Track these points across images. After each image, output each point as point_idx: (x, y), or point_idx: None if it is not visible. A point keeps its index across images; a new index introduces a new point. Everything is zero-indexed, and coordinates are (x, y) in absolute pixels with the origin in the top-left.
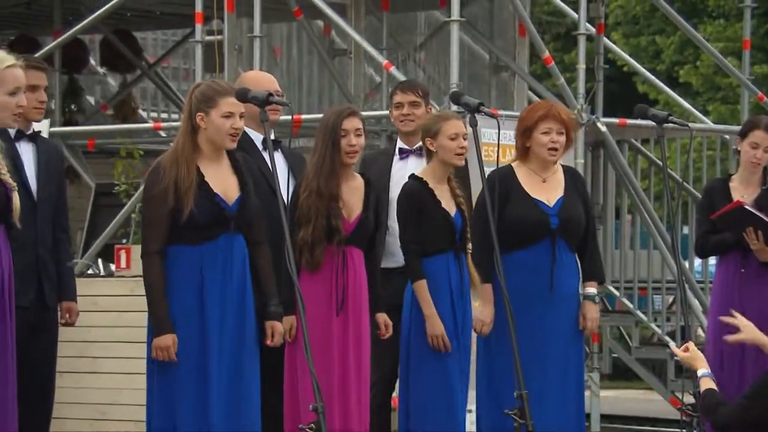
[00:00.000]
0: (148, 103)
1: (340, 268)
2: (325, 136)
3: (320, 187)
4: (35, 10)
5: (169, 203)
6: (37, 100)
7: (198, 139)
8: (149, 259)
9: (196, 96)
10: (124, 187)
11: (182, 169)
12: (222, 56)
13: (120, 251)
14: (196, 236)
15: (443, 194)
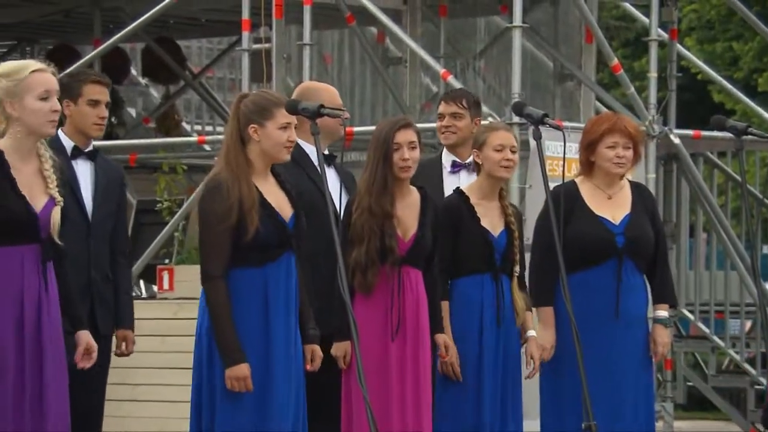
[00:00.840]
0: (192, 116)
1: (396, 290)
2: (378, 150)
3: (373, 205)
4: (74, 18)
5: (232, 222)
6: (97, 115)
7: (248, 153)
8: (214, 285)
9: (248, 107)
10: (167, 204)
11: (243, 186)
12: (270, 65)
13: (163, 272)
14: (261, 257)
15: (488, 211)
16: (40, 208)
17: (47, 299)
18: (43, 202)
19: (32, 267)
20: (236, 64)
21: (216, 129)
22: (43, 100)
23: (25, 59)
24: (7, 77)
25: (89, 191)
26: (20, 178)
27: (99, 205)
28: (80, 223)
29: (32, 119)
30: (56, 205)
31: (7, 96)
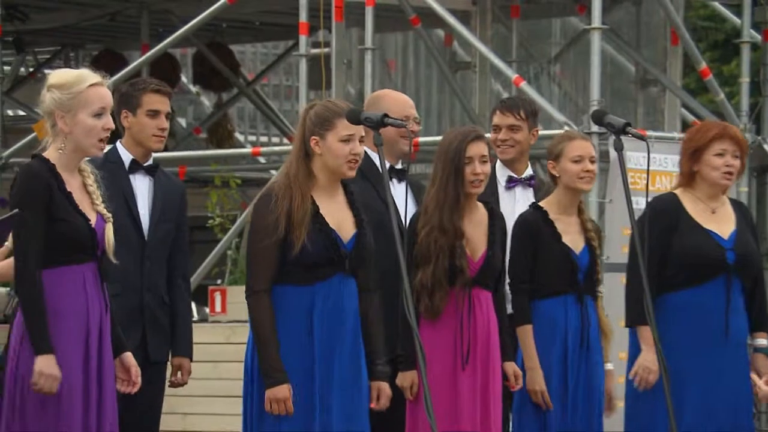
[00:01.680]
0: (245, 126)
1: (466, 314)
2: (446, 164)
3: (442, 223)
4: (121, 22)
5: (279, 235)
6: (157, 127)
7: (312, 166)
8: (257, 298)
9: (311, 117)
10: (219, 220)
11: (296, 198)
12: (329, 71)
13: (215, 293)
14: (308, 275)
15: (568, 227)
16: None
17: (106, 320)
18: (93, 219)
19: (93, 286)
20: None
21: (271, 140)
22: (97, 117)
23: (69, 66)
24: (62, 89)
25: (146, 208)
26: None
27: (156, 223)
28: (135, 242)
29: (83, 137)
30: (106, 222)
31: (59, 109)
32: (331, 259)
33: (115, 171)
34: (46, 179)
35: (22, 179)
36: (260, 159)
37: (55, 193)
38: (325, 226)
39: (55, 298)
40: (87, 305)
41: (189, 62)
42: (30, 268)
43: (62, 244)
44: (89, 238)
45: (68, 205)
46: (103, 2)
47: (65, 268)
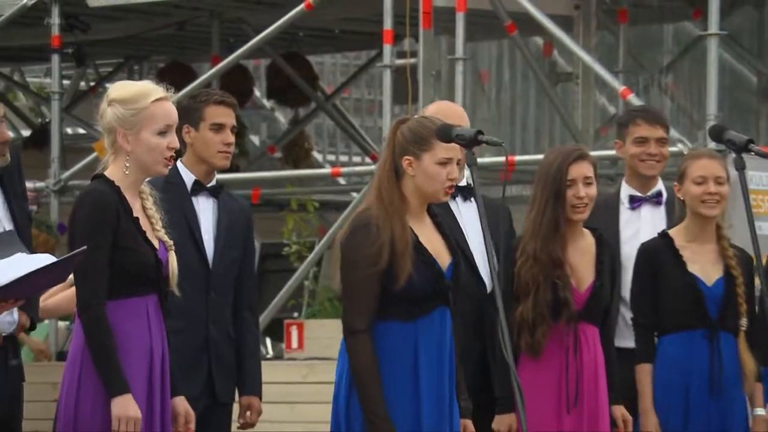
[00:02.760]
0: (324, 144)
1: (571, 351)
2: (547, 186)
3: (541, 251)
4: (189, 32)
5: (382, 268)
6: (222, 142)
7: (403, 188)
8: (358, 340)
9: (404, 134)
10: (295, 247)
11: (397, 226)
12: (416, 84)
13: (291, 327)
14: (412, 310)
15: (699, 255)
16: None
17: (167, 357)
18: (156, 245)
19: (156, 320)
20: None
21: (352, 159)
22: (161, 135)
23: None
24: (124, 104)
25: (211, 233)
26: None
27: (221, 250)
28: (199, 271)
29: (147, 156)
30: (168, 250)
31: (121, 125)
32: (437, 291)
33: (176, 193)
34: (114, 203)
35: (88, 203)
36: (340, 180)
37: (122, 219)
38: (427, 255)
39: (116, 333)
40: (150, 341)
41: (263, 75)
42: (97, 302)
43: (126, 275)
44: (155, 268)
45: (135, 231)
46: (170, 10)
47: (127, 301)
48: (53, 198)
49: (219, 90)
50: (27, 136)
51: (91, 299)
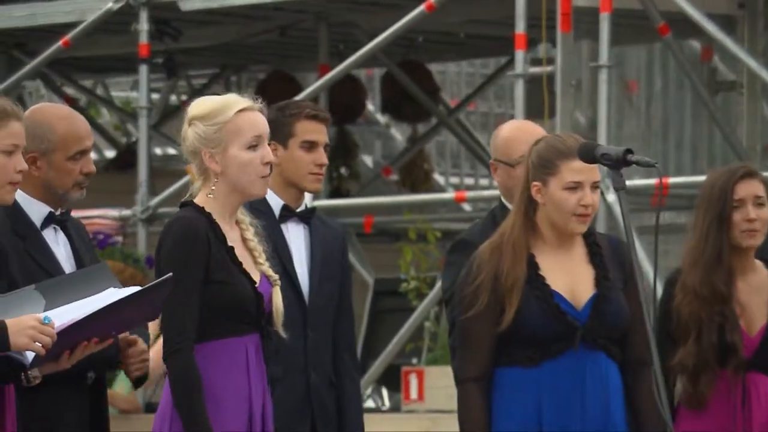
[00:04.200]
0: (447, 164)
1: (739, 405)
2: (709, 209)
3: (703, 284)
4: (293, 38)
5: (485, 305)
6: (314, 162)
7: (536, 218)
8: (467, 391)
9: (532, 157)
10: (414, 283)
11: (506, 258)
12: (553, 95)
13: (409, 375)
14: (531, 354)
15: None
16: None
17: (269, 406)
18: (257, 280)
19: (256, 364)
20: (506, 94)
21: (479, 182)
22: (252, 149)
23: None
24: (205, 120)
25: (304, 265)
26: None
27: (318, 283)
28: (294, 309)
29: (239, 175)
30: (273, 285)
31: (205, 145)
32: (557, 332)
33: (262, 220)
34: (205, 232)
35: (174, 233)
36: (465, 206)
37: (215, 249)
38: (544, 290)
39: (211, 379)
40: (249, 387)
41: (377, 86)
42: (185, 344)
43: (221, 312)
44: (254, 303)
45: (230, 263)
46: (272, 14)
47: (223, 342)
48: (141, 228)
49: (311, 102)
50: (111, 157)
51: (178, 341)
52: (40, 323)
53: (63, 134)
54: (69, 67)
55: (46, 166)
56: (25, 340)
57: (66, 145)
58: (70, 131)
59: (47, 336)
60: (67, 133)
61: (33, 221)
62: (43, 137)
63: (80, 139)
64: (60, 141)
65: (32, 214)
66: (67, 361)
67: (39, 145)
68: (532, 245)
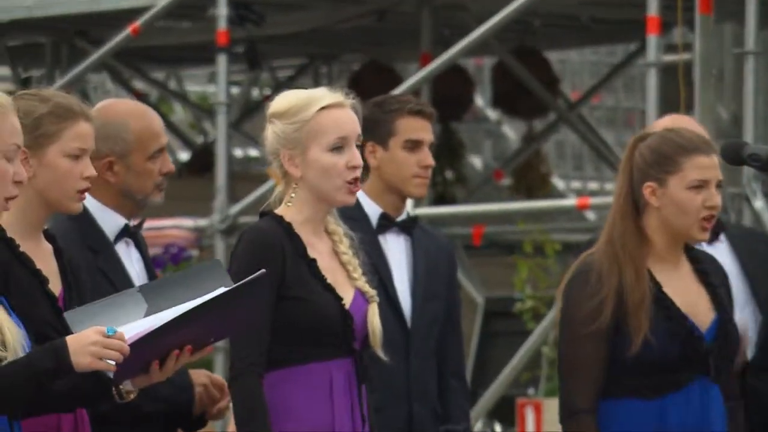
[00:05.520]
0: (568, 166)
1: None
2: None
3: None
4: (391, 24)
5: (606, 327)
6: (418, 164)
7: (645, 225)
8: (580, 422)
9: (643, 155)
10: (530, 303)
11: (627, 273)
12: (690, 86)
13: (525, 407)
14: (655, 383)
15: None
16: (348, 307)
17: None
18: (349, 297)
19: (344, 393)
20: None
21: (604, 187)
22: (336, 152)
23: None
24: (284, 118)
25: (405, 282)
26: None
27: (421, 302)
28: (395, 330)
29: (321, 181)
30: (369, 302)
31: (284, 145)
32: (688, 358)
33: (358, 231)
34: (279, 244)
35: (244, 246)
36: (588, 215)
37: (291, 263)
38: (674, 311)
39: (289, 412)
40: (333, 423)
41: (487, 77)
42: (252, 369)
43: (300, 333)
44: (341, 323)
45: (311, 277)
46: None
47: (304, 368)
48: (219, 239)
49: (414, 97)
50: (185, 160)
51: (242, 365)
52: (104, 336)
53: (139, 132)
54: (138, 58)
55: (123, 169)
56: (88, 359)
57: (144, 144)
58: (147, 128)
59: (115, 350)
60: (144, 131)
61: (106, 234)
62: (118, 138)
63: (157, 136)
64: (137, 140)
65: (105, 226)
66: (159, 373)
67: (114, 147)
68: (646, 258)
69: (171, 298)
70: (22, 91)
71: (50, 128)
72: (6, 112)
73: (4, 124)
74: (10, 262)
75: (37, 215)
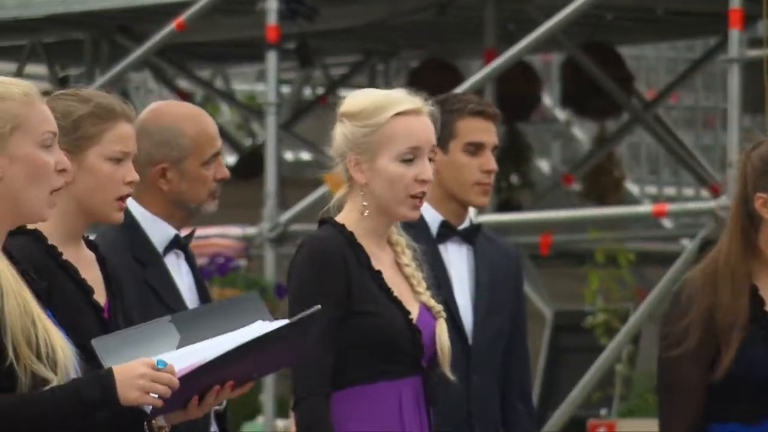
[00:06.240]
0: (642, 170)
1: None
2: None
3: None
4: (453, 17)
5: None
6: (480, 168)
7: (758, 239)
8: None
9: (754, 163)
10: (602, 317)
11: (723, 291)
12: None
13: (598, 429)
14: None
15: None
16: (415, 322)
17: None
18: (415, 312)
19: (413, 412)
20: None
21: (682, 192)
22: (406, 163)
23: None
24: (356, 119)
25: (467, 295)
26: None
27: (483, 317)
28: (455, 347)
29: (385, 192)
30: (436, 318)
31: (351, 149)
32: None
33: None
34: (341, 254)
35: (305, 257)
36: (665, 222)
37: (355, 275)
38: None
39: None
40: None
41: (555, 75)
42: (317, 391)
43: (368, 350)
44: (409, 339)
45: (377, 289)
46: None
47: (369, 387)
48: (268, 248)
49: (477, 97)
50: (232, 164)
51: (306, 387)
52: (154, 369)
53: (194, 136)
54: (182, 55)
55: (177, 177)
56: (136, 393)
57: (199, 149)
58: (202, 132)
59: (164, 384)
60: (199, 134)
61: (155, 245)
62: (173, 143)
63: (213, 140)
64: (192, 144)
65: (155, 237)
66: (197, 409)
67: (169, 153)
68: (754, 274)
69: (206, 329)
70: (59, 91)
71: (90, 130)
72: (32, 100)
73: (33, 112)
74: (53, 270)
75: (75, 223)
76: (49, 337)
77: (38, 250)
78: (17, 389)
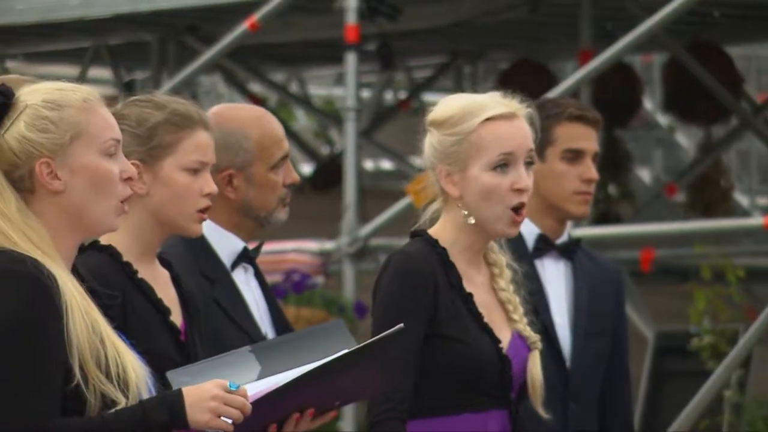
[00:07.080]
0: (752, 180)
1: None
2: None
3: None
4: (546, 16)
5: None
6: (579, 177)
7: None
8: None
9: None
10: (709, 338)
11: None
12: None
13: None
14: None
15: None
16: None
17: None
18: (506, 340)
19: None
20: None
21: None
22: (500, 171)
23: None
24: (443, 128)
25: (565, 314)
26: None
27: (583, 339)
28: (552, 372)
29: (479, 204)
30: (531, 349)
31: (441, 159)
32: None
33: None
34: (431, 272)
35: (392, 273)
36: None
37: (444, 296)
38: None
39: None
40: None
41: (657, 77)
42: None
43: (452, 379)
44: (498, 370)
45: (466, 315)
46: None
47: (455, 419)
48: (348, 264)
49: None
50: (309, 174)
51: (385, 410)
52: (226, 391)
53: (260, 139)
54: (255, 58)
55: (244, 184)
56: (207, 416)
57: (266, 153)
58: (267, 134)
59: (236, 407)
60: (265, 137)
61: (222, 260)
62: (238, 147)
63: (279, 142)
64: (258, 148)
65: (222, 251)
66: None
67: (234, 158)
68: None
69: (288, 359)
70: (134, 97)
71: (166, 138)
72: (93, 105)
73: (94, 119)
74: (128, 289)
75: (150, 238)
76: (119, 357)
77: (113, 267)
78: (86, 411)
